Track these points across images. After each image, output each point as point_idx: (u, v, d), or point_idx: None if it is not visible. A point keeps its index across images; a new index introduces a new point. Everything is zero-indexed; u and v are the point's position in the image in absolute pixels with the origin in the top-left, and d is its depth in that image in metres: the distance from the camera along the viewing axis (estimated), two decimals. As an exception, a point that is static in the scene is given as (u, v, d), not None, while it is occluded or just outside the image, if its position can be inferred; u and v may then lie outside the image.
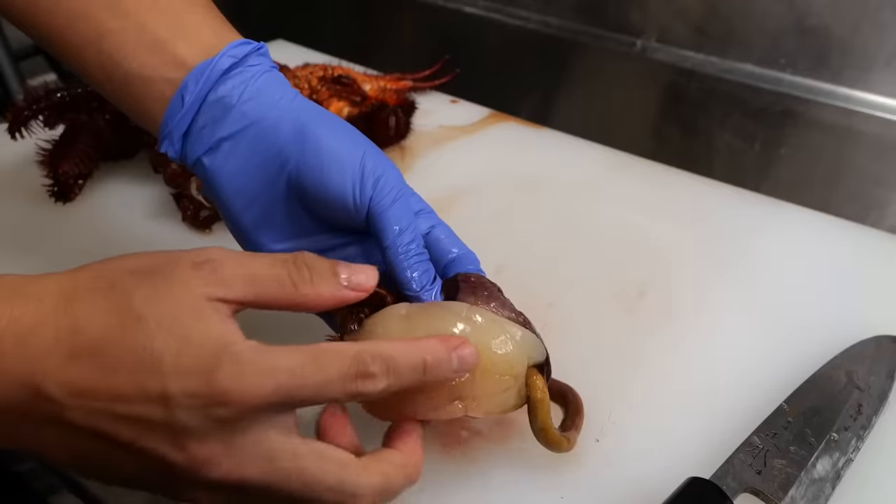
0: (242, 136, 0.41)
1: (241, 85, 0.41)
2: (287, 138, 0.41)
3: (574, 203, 0.66)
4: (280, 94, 0.42)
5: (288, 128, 0.41)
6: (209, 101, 0.41)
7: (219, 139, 0.41)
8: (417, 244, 0.41)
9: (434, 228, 0.44)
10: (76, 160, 0.63)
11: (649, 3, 0.86)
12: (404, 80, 0.80)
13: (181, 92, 0.41)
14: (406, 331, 0.37)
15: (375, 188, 0.40)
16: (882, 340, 0.49)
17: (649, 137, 0.91)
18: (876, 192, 0.77)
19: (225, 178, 0.42)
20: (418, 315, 0.38)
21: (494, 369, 0.37)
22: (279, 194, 0.42)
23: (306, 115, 0.42)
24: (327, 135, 0.41)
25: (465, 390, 0.36)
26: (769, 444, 0.41)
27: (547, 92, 0.98)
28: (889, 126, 0.75)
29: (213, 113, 0.41)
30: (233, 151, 0.41)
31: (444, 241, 0.44)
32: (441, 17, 1.02)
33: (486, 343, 0.37)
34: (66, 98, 0.63)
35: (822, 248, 0.60)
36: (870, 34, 0.73)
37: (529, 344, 0.39)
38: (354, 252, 0.44)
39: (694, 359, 0.50)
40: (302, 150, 0.41)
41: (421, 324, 0.37)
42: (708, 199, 0.66)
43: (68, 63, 0.44)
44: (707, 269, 0.58)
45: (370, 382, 0.32)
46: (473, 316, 0.38)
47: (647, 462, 0.43)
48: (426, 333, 0.36)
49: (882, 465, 0.43)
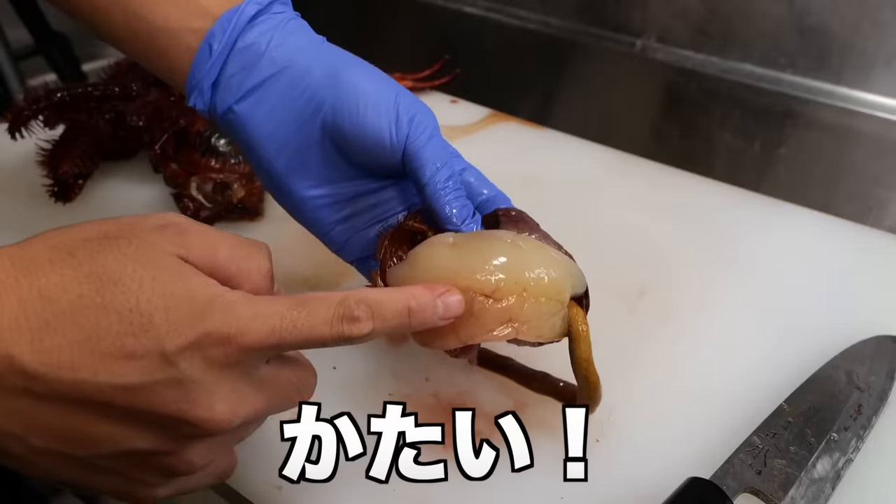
0: (274, 82, 0.42)
1: (269, 32, 0.42)
2: (320, 82, 0.42)
3: (574, 203, 0.66)
4: (308, 39, 0.43)
5: (320, 71, 0.42)
6: (237, 48, 0.41)
7: (251, 86, 0.42)
8: (454, 180, 0.42)
9: (464, 171, 0.45)
10: (76, 160, 0.63)
11: (649, 3, 0.86)
12: (404, 81, 0.80)
13: (208, 41, 0.41)
14: (454, 258, 0.37)
15: (411, 126, 0.41)
16: (882, 340, 0.49)
17: (649, 137, 0.91)
18: (876, 192, 0.77)
19: (257, 124, 0.42)
20: (466, 242, 0.38)
21: (542, 293, 0.37)
22: (313, 138, 0.42)
23: (337, 59, 0.43)
24: (361, 76, 0.42)
25: (516, 313, 0.37)
26: (769, 444, 0.41)
27: (547, 92, 0.98)
28: (889, 126, 0.75)
29: (243, 61, 0.42)
30: (265, 97, 0.42)
31: (475, 184, 0.45)
32: (441, 17, 1.02)
33: (533, 267, 0.37)
34: (66, 98, 0.63)
35: (822, 248, 0.60)
36: (870, 34, 0.73)
37: (573, 271, 0.39)
38: (391, 194, 0.45)
39: (694, 359, 0.50)
40: (336, 93, 0.41)
41: (468, 250, 0.38)
42: (708, 199, 0.66)
43: (96, 28, 0.45)
44: (707, 269, 0.58)
45: (356, 326, 0.33)
46: (519, 242, 0.38)
47: (647, 462, 0.43)
48: (474, 259, 0.37)
49: (882, 465, 0.43)
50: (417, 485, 0.37)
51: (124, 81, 0.66)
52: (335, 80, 0.41)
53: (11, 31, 1.01)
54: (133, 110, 0.64)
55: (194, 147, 0.64)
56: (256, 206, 0.62)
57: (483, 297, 0.36)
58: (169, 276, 0.30)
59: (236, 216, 0.62)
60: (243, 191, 0.62)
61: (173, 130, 0.63)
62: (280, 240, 0.60)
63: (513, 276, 0.37)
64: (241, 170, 0.63)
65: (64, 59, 1.08)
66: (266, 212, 0.63)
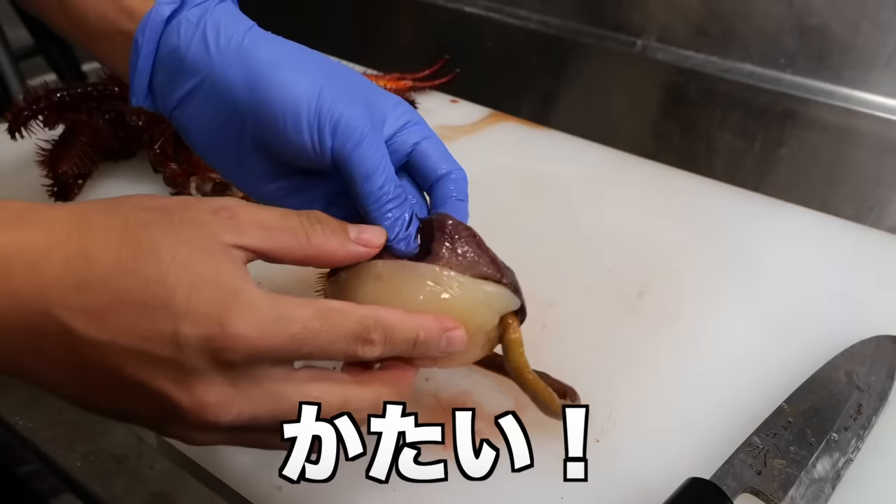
0: (197, 93, 0.40)
1: (189, 31, 0.39)
2: (238, 95, 0.39)
3: (574, 203, 0.66)
4: (230, 33, 0.39)
5: (238, 79, 0.39)
6: (161, 54, 0.40)
7: (179, 97, 0.40)
8: (389, 185, 0.39)
9: (422, 142, 0.42)
10: (76, 160, 0.63)
11: (649, 3, 0.86)
12: (404, 80, 0.80)
13: (134, 48, 0.40)
14: (377, 293, 0.37)
15: (335, 136, 0.38)
16: (882, 340, 0.49)
17: (649, 137, 0.91)
18: (876, 192, 0.77)
19: (194, 133, 0.41)
20: (390, 277, 0.38)
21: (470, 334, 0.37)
22: (247, 146, 0.41)
23: (254, 60, 0.39)
24: (277, 82, 0.38)
25: None
26: (769, 444, 0.41)
27: (547, 92, 0.98)
28: (889, 126, 0.75)
29: (168, 69, 0.40)
30: (195, 108, 0.40)
31: (432, 159, 0.42)
32: (441, 17, 1.02)
33: (455, 308, 0.37)
34: (66, 98, 0.63)
35: (822, 248, 0.60)
36: (870, 34, 0.73)
37: (499, 301, 0.39)
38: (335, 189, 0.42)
39: (694, 359, 0.50)
40: (254, 107, 0.38)
41: (391, 288, 0.37)
42: (708, 199, 0.66)
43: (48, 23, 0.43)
44: (707, 269, 0.58)
45: (368, 348, 0.33)
46: (441, 281, 0.38)
47: (647, 462, 0.43)
48: (394, 300, 0.37)
49: (882, 465, 0.43)
50: (417, 485, 0.37)
51: (124, 81, 0.66)
52: (252, 92, 0.38)
53: (11, 31, 1.01)
54: (133, 110, 0.64)
55: (194, 147, 0.64)
56: (256, 206, 0.62)
57: None
58: (204, 257, 0.31)
59: (236, 216, 0.62)
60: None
61: (173, 130, 0.63)
62: (280, 240, 0.60)
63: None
64: (241, 170, 0.63)
65: (64, 59, 1.08)
66: (266, 212, 0.63)
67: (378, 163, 0.39)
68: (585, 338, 0.51)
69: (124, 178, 0.67)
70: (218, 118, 0.40)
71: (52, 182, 0.63)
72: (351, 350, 0.33)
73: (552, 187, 0.68)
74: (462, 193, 0.42)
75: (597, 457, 0.43)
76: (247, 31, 0.40)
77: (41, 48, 1.07)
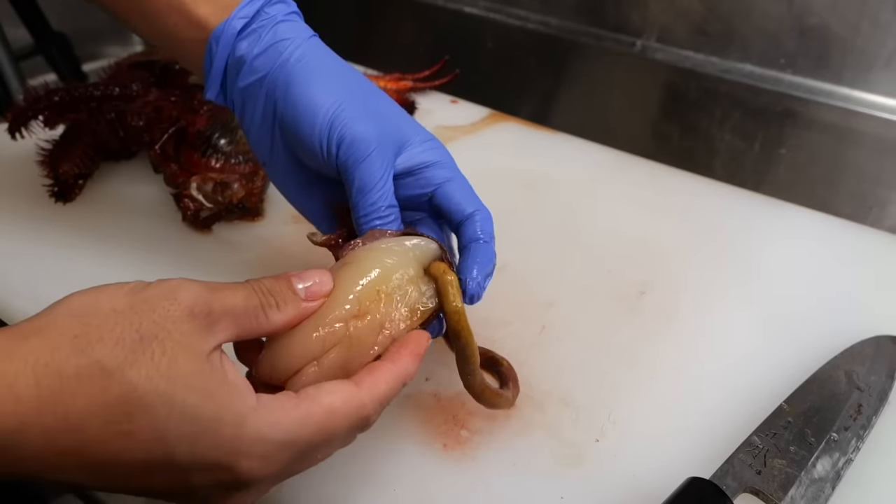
0: (253, 90, 0.44)
1: (254, 42, 0.43)
2: (278, 97, 0.43)
3: (574, 203, 0.66)
4: (290, 45, 0.43)
5: (280, 84, 0.43)
6: (231, 60, 0.44)
7: (238, 91, 0.44)
8: (381, 202, 0.41)
9: (447, 183, 0.44)
10: (76, 160, 0.63)
11: (649, 3, 0.86)
12: (404, 81, 0.80)
13: (208, 55, 0.44)
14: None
15: (340, 148, 0.42)
16: (882, 340, 0.49)
17: (649, 137, 0.91)
18: (876, 192, 0.77)
19: (247, 128, 0.46)
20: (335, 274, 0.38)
21: (395, 293, 0.37)
22: (279, 144, 0.45)
23: (295, 69, 0.43)
24: (306, 91, 0.42)
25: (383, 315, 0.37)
26: (769, 444, 0.41)
27: (547, 92, 0.98)
28: (889, 126, 0.75)
29: (236, 69, 0.44)
30: (249, 105, 0.45)
31: (456, 199, 0.44)
32: (441, 17, 1.02)
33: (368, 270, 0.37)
34: (66, 98, 0.63)
35: (822, 248, 0.60)
36: (870, 34, 0.73)
37: (411, 245, 0.39)
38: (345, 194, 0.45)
39: (694, 358, 0.50)
40: (286, 110, 0.43)
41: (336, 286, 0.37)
42: (708, 199, 0.66)
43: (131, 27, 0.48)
44: (707, 269, 0.58)
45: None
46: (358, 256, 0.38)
47: (647, 462, 0.43)
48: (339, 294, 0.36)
49: (882, 465, 0.43)
50: (417, 485, 0.37)
51: (124, 81, 0.66)
52: (286, 92, 0.43)
53: (11, 31, 1.01)
54: (133, 110, 0.64)
55: (194, 147, 0.64)
56: (256, 206, 0.62)
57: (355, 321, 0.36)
58: (198, 398, 0.30)
59: (236, 216, 0.62)
60: (243, 191, 0.62)
61: (173, 130, 0.64)
62: (279, 240, 0.60)
63: (363, 290, 0.37)
64: (241, 170, 0.63)
65: (64, 59, 1.08)
66: (266, 212, 0.63)
67: (376, 180, 0.42)
68: (585, 338, 0.51)
69: (124, 178, 0.67)
70: (264, 115, 0.44)
71: (53, 182, 0.63)
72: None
73: (552, 187, 0.68)
74: (488, 235, 0.43)
75: (597, 457, 0.43)
76: (302, 42, 0.44)
77: (41, 48, 1.07)
